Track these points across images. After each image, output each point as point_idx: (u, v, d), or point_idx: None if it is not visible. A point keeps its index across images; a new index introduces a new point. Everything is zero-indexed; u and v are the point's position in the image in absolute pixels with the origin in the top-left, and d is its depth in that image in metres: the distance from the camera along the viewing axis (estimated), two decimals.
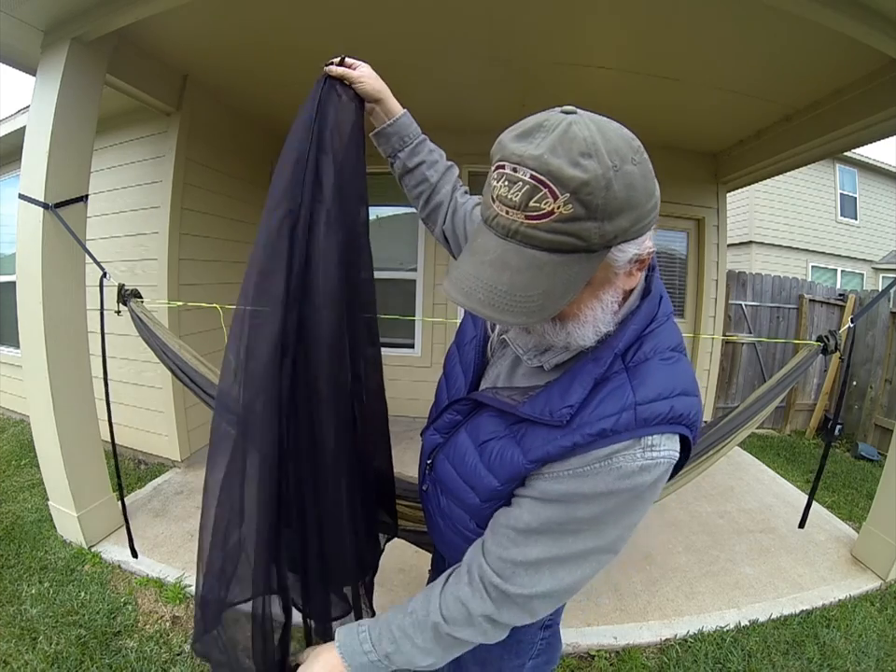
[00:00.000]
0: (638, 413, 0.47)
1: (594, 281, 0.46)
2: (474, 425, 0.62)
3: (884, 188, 8.58)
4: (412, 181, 0.88)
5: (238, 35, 2.16)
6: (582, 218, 0.40)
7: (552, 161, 0.39)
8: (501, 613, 0.55)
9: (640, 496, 0.50)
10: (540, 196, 0.39)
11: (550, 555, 0.52)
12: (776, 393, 1.56)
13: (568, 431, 0.49)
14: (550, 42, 2.20)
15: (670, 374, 0.50)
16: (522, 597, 0.53)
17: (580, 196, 0.39)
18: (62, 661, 1.48)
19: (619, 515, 0.50)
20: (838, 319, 4.32)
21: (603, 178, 0.39)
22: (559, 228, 0.40)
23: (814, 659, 1.61)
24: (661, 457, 0.48)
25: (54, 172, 1.81)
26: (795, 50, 2.07)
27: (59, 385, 1.92)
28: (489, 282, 0.43)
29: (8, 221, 3.60)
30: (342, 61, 0.73)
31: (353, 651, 0.60)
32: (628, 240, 0.43)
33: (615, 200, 0.40)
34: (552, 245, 0.41)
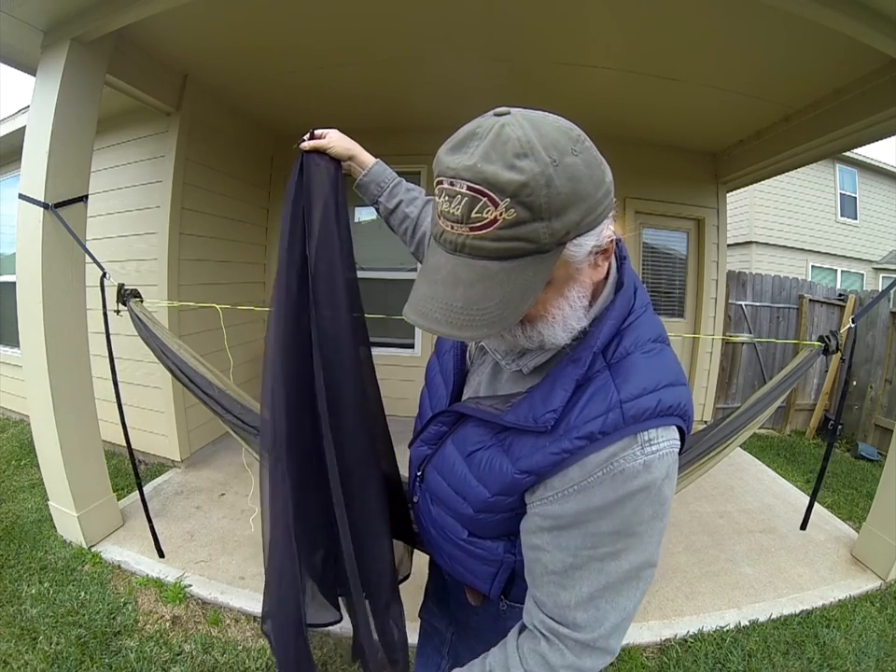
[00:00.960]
0: (626, 412, 0.46)
1: (555, 280, 0.45)
2: (460, 436, 0.61)
3: (884, 188, 8.58)
4: (395, 220, 0.93)
5: (238, 34, 2.16)
6: (527, 221, 0.39)
7: (486, 169, 0.38)
8: (583, 660, 0.51)
9: (657, 493, 0.47)
10: (481, 206, 0.39)
11: (600, 586, 0.48)
12: (777, 394, 1.56)
13: (556, 437, 0.48)
14: (550, 42, 2.20)
15: (654, 367, 0.49)
16: (594, 640, 0.50)
17: (520, 199, 0.38)
18: (62, 661, 1.48)
19: (643, 519, 0.47)
20: (838, 319, 4.32)
21: (542, 176, 0.38)
22: (504, 235, 0.39)
23: (814, 659, 1.61)
24: (662, 450, 0.47)
25: (54, 172, 1.81)
26: (795, 50, 2.07)
27: (59, 385, 1.92)
28: (444, 300, 0.42)
29: (8, 221, 3.60)
30: (311, 135, 0.83)
31: None
32: (582, 233, 0.42)
33: (559, 196, 0.39)
34: (500, 252, 0.40)
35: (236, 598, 1.76)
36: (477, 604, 0.75)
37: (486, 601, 0.73)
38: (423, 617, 0.97)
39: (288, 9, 1.96)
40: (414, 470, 0.73)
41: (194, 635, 1.63)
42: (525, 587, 0.67)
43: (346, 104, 2.98)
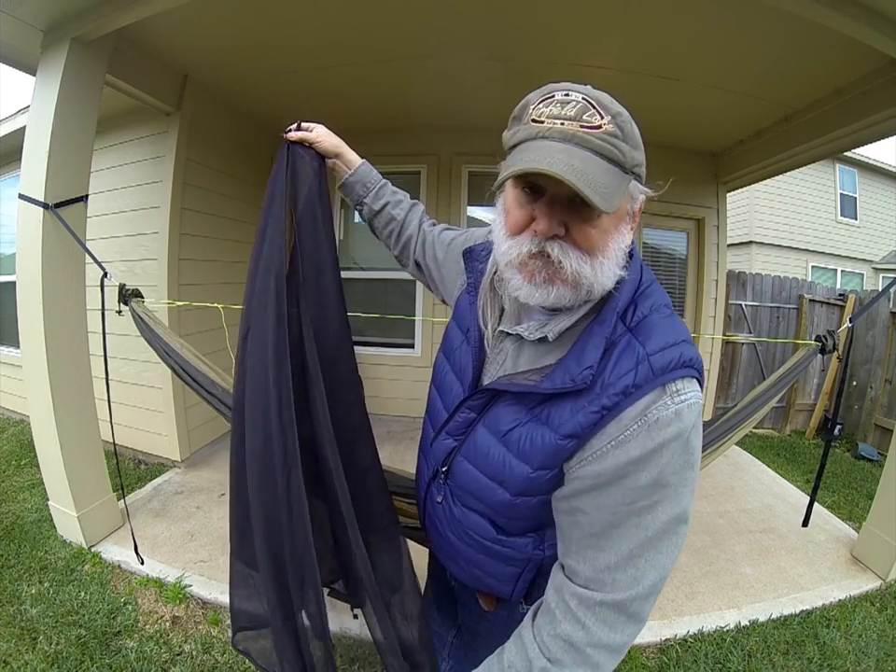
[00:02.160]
0: (653, 364, 0.50)
1: (619, 208, 0.50)
2: (492, 418, 0.60)
3: (884, 188, 8.58)
4: (380, 222, 0.92)
5: (238, 34, 2.16)
6: (620, 138, 0.48)
7: (594, 93, 0.49)
8: (614, 632, 0.50)
9: (688, 441, 0.49)
10: (591, 113, 0.48)
11: (640, 542, 0.49)
12: (773, 392, 1.56)
13: (594, 397, 0.51)
14: (549, 41, 2.20)
15: (671, 326, 0.53)
16: (631, 601, 0.50)
17: (617, 121, 0.48)
18: (62, 661, 1.48)
19: (676, 469, 0.49)
20: (838, 319, 4.32)
21: (628, 117, 0.49)
22: (607, 139, 0.48)
23: (814, 659, 1.61)
24: (690, 399, 0.50)
25: (54, 172, 1.81)
26: (795, 50, 2.07)
27: (59, 385, 1.92)
28: (564, 161, 0.45)
29: (8, 221, 3.60)
30: (298, 125, 0.82)
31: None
32: (640, 176, 0.52)
33: (636, 135, 0.50)
34: (602, 150, 0.48)
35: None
36: (490, 609, 0.74)
37: (500, 606, 0.72)
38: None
39: (288, 9, 1.96)
40: (434, 467, 0.70)
41: (194, 635, 1.63)
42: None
43: (346, 103, 2.98)
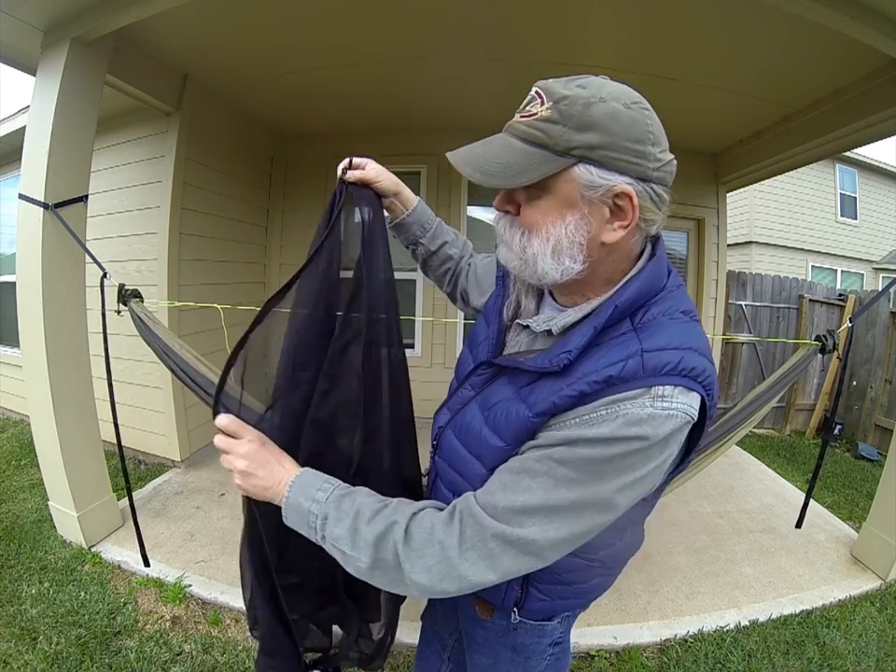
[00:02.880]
0: (645, 361, 0.47)
1: (559, 192, 0.50)
2: (485, 394, 0.62)
3: (884, 188, 8.58)
4: (436, 262, 0.90)
5: (238, 34, 2.16)
6: (555, 122, 0.47)
7: (552, 84, 0.49)
8: (463, 550, 0.49)
9: (647, 450, 0.46)
10: (534, 103, 0.50)
11: (539, 503, 0.48)
12: (773, 392, 1.56)
13: (574, 380, 0.49)
14: (550, 42, 2.20)
15: (680, 331, 0.50)
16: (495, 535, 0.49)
17: (559, 105, 0.47)
18: (62, 661, 1.48)
19: (620, 467, 0.46)
20: (838, 319, 4.32)
21: (584, 99, 0.47)
22: (534, 124, 0.49)
23: (814, 659, 1.61)
24: (673, 409, 0.46)
25: (54, 172, 1.81)
26: (795, 50, 2.07)
27: (59, 385, 1.92)
28: (470, 149, 0.54)
29: (8, 221, 3.60)
30: (350, 163, 0.76)
31: (304, 487, 0.57)
32: (595, 161, 0.47)
33: (588, 117, 0.46)
34: (524, 134, 0.50)
35: (236, 598, 1.76)
36: (487, 618, 0.73)
37: (497, 615, 0.72)
38: (425, 621, 0.96)
39: (288, 9, 1.96)
40: (431, 441, 0.72)
41: (194, 635, 1.63)
42: (539, 598, 0.67)
43: (346, 103, 2.98)
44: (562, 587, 0.67)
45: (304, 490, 0.57)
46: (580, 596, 0.71)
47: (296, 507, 0.56)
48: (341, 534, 0.53)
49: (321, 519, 0.54)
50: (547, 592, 0.67)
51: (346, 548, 0.53)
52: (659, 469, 0.49)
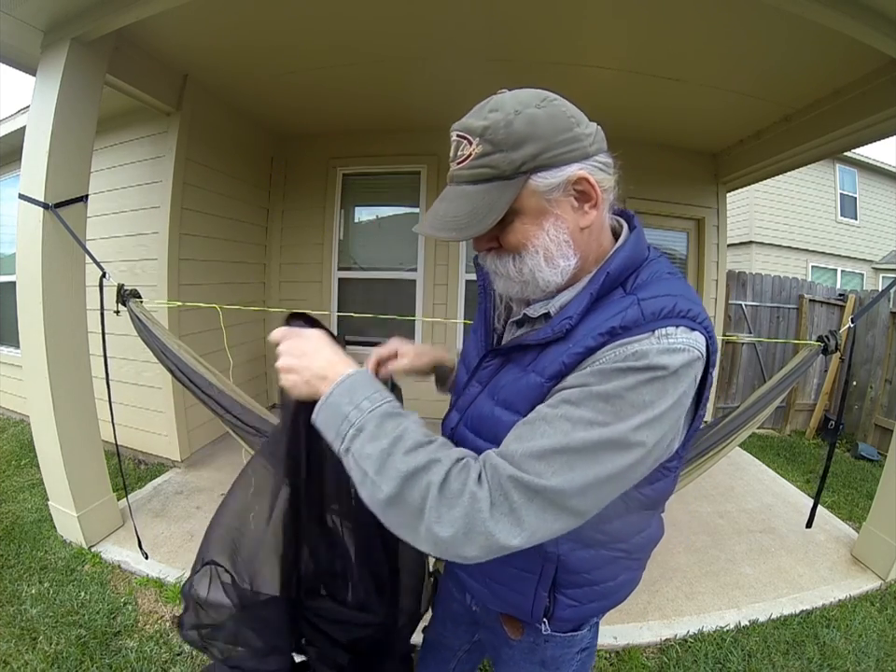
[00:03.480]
0: (643, 307, 0.49)
1: (528, 210, 0.52)
2: (493, 384, 0.62)
3: (884, 188, 8.58)
4: None
5: (237, 34, 2.16)
6: (491, 153, 0.50)
7: (468, 121, 0.52)
8: (493, 505, 0.46)
9: (661, 382, 0.46)
10: (462, 146, 0.52)
11: (558, 445, 0.46)
12: (776, 393, 1.56)
13: (579, 339, 0.51)
14: (549, 42, 2.20)
15: (670, 283, 0.54)
16: (517, 485, 0.45)
17: (485, 137, 0.49)
18: (62, 661, 1.47)
19: (636, 402, 0.46)
20: (838, 319, 4.32)
21: (503, 121, 0.49)
22: (475, 164, 0.51)
23: (814, 659, 1.61)
24: (678, 344, 0.47)
25: (54, 172, 1.81)
26: (795, 50, 2.07)
27: (59, 385, 1.92)
28: (434, 212, 0.55)
29: (8, 221, 3.60)
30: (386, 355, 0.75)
31: (353, 389, 0.52)
32: (542, 166, 0.50)
33: (516, 134, 0.49)
34: (472, 177, 0.52)
35: None
36: (517, 637, 0.71)
37: (525, 631, 0.70)
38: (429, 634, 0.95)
39: (288, 9, 1.96)
40: None
41: None
42: (568, 604, 0.65)
43: (346, 103, 2.98)
44: (590, 589, 0.65)
45: (351, 392, 0.52)
46: (608, 597, 0.69)
47: (333, 407, 0.52)
48: (371, 453, 0.48)
49: (355, 429, 0.50)
50: (575, 597, 0.65)
51: (371, 470, 0.48)
52: (675, 409, 0.48)
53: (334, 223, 3.63)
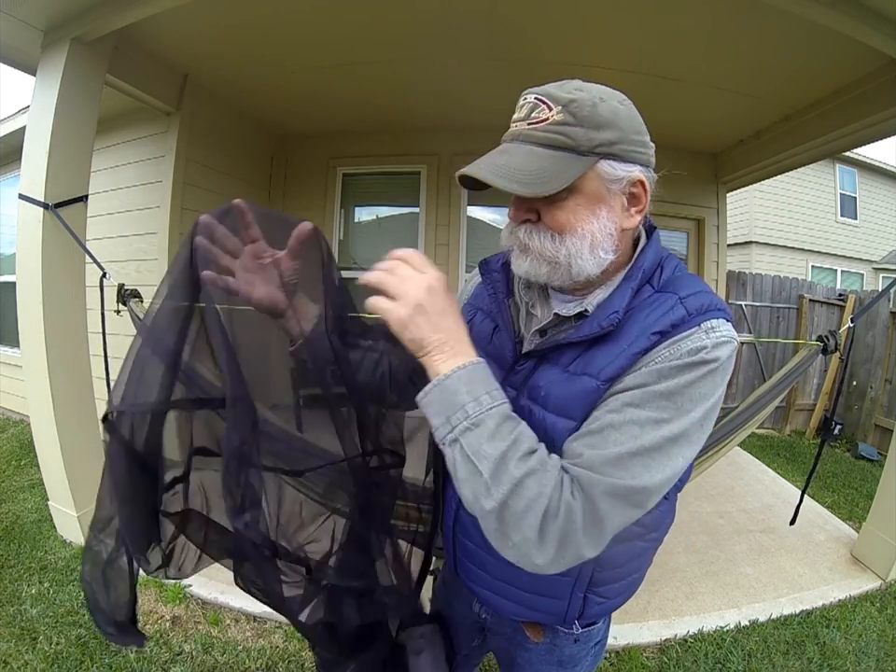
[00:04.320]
0: (687, 306, 0.51)
1: (587, 191, 0.52)
2: (530, 387, 0.58)
3: (884, 188, 8.58)
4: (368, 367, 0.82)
5: (238, 34, 2.16)
6: (572, 124, 0.49)
7: (550, 90, 0.51)
8: (586, 518, 0.46)
9: (714, 372, 0.49)
10: (539, 109, 0.50)
11: (634, 449, 0.47)
12: (776, 393, 1.56)
13: (633, 339, 0.51)
14: (549, 42, 2.20)
15: (694, 280, 0.57)
16: (605, 491, 0.46)
17: (570, 108, 0.49)
18: (62, 661, 1.48)
19: (695, 395, 0.48)
20: (838, 319, 4.32)
21: (589, 101, 0.49)
22: (552, 129, 0.50)
23: (814, 659, 1.61)
24: (724, 336, 0.50)
25: (54, 172, 1.81)
26: (795, 50, 2.07)
27: (59, 385, 1.92)
28: (491, 160, 0.52)
29: (8, 221, 3.60)
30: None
31: (474, 380, 0.50)
32: (615, 155, 0.51)
33: (599, 116, 0.49)
34: (545, 141, 0.50)
35: (236, 598, 1.76)
36: (539, 640, 0.70)
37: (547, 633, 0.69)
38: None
39: (288, 9, 1.96)
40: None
41: (194, 635, 1.63)
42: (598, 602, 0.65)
43: (346, 103, 2.98)
44: (619, 584, 0.67)
45: (472, 383, 0.49)
46: (630, 588, 0.70)
47: (450, 392, 0.49)
48: (490, 453, 0.46)
49: (470, 422, 0.47)
50: (606, 593, 0.66)
51: (486, 471, 0.46)
52: (720, 396, 0.51)
53: (334, 223, 3.62)
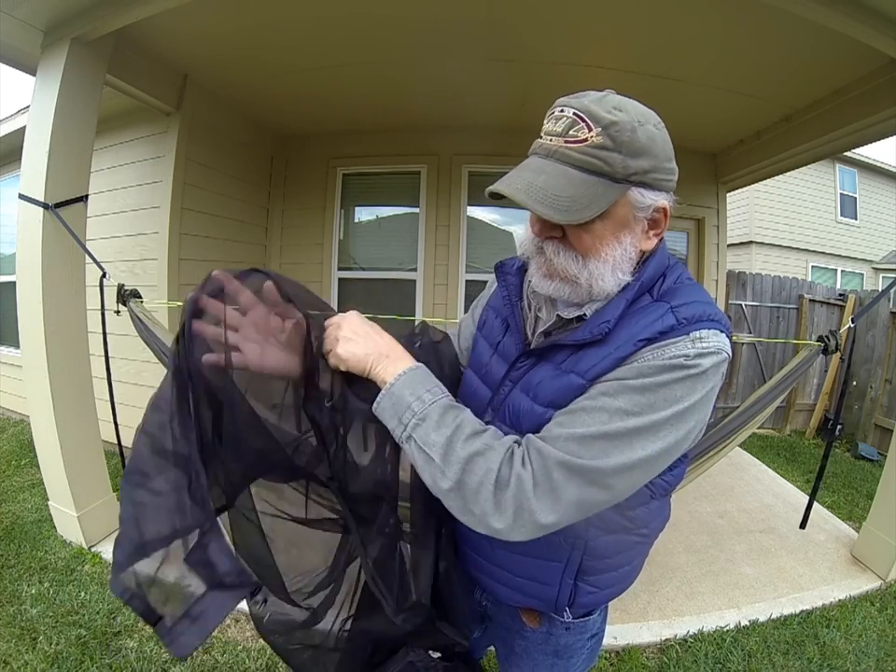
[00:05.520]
0: (677, 314, 0.52)
1: (615, 217, 0.53)
2: (525, 381, 0.62)
3: (884, 188, 8.58)
4: None
5: (238, 34, 2.16)
6: (610, 149, 0.49)
7: (590, 106, 0.50)
8: (535, 485, 0.49)
9: (693, 377, 0.50)
10: (578, 128, 0.50)
11: (597, 432, 0.50)
12: (776, 393, 1.56)
13: (620, 344, 0.53)
14: (549, 42, 2.20)
15: (695, 290, 0.57)
16: (559, 463, 0.49)
17: (609, 131, 0.49)
18: (62, 661, 1.48)
19: (669, 396, 0.49)
20: (838, 319, 4.32)
21: (629, 124, 0.49)
22: (590, 152, 0.50)
23: (814, 659, 1.61)
24: (711, 346, 0.50)
25: (54, 172, 1.81)
26: (795, 50, 2.07)
27: (59, 385, 1.92)
28: (528, 180, 0.52)
29: (8, 221, 3.60)
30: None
31: (414, 382, 0.56)
32: (647, 184, 0.52)
33: (638, 142, 0.50)
34: (582, 163, 0.50)
35: None
36: (535, 626, 0.72)
37: (542, 620, 0.72)
38: None
39: (289, 9, 1.96)
40: None
41: None
42: (589, 591, 0.67)
43: (346, 103, 2.98)
44: (610, 574, 0.68)
45: (413, 385, 0.55)
46: (623, 581, 0.72)
47: (397, 397, 0.55)
48: (436, 441, 0.52)
49: (417, 418, 0.53)
50: (596, 583, 0.68)
51: (437, 457, 0.52)
52: (701, 404, 0.52)
53: (334, 223, 3.62)
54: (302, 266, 3.69)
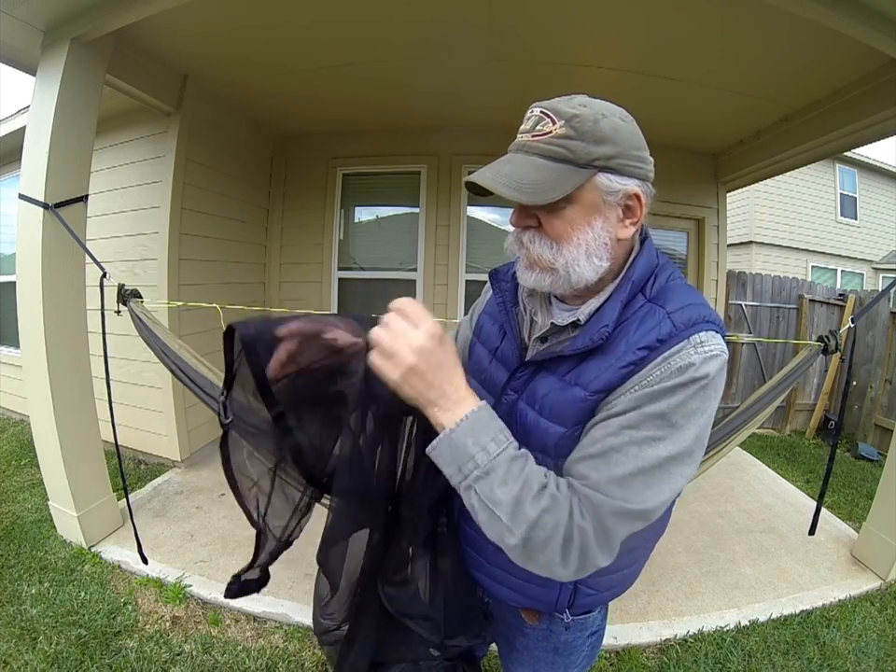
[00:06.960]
0: (675, 320, 0.53)
1: (584, 201, 0.55)
2: (529, 392, 0.63)
3: (884, 188, 8.58)
4: None
5: (238, 34, 2.16)
6: (572, 138, 0.52)
7: (557, 105, 0.54)
8: (597, 535, 0.50)
9: (705, 388, 0.51)
10: (544, 123, 0.54)
11: (635, 469, 0.50)
12: (776, 393, 1.56)
13: (621, 354, 0.54)
14: (549, 42, 2.20)
15: (689, 291, 0.59)
16: (612, 511, 0.50)
17: (572, 123, 0.52)
18: (62, 661, 1.48)
19: (689, 412, 0.51)
20: (838, 319, 4.32)
21: (592, 116, 0.52)
22: (553, 142, 0.53)
23: (814, 659, 1.61)
24: (713, 350, 0.52)
25: (54, 172, 1.81)
26: (795, 50, 2.07)
27: (59, 385, 1.92)
28: (496, 169, 0.56)
29: (8, 221, 3.60)
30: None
31: (478, 429, 0.52)
32: (612, 169, 0.54)
33: (600, 132, 0.52)
34: (546, 153, 0.54)
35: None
36: (534, 624, 0.74)
37: (542, 618, 0.73)
38: None
39: (289, 10, 1.96)
40: None
41: (194, 635, 1.63)
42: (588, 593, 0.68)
43: (346, 104, 2.98)
44: (609, 577, 0.69)
45: (476, 432, 0.52)
46: (623, 583, 0.73)
47: (458, 445, 0.52)
48: (503, 500, 0.50)
49: (481, 471, 0.51)
50: (595, 585, 0.69)
51: (504, 516, 0.50)
52: (714, 408, 0.54)
53: (334, 223, 3.62)
54: (302, 266, 3.69)
